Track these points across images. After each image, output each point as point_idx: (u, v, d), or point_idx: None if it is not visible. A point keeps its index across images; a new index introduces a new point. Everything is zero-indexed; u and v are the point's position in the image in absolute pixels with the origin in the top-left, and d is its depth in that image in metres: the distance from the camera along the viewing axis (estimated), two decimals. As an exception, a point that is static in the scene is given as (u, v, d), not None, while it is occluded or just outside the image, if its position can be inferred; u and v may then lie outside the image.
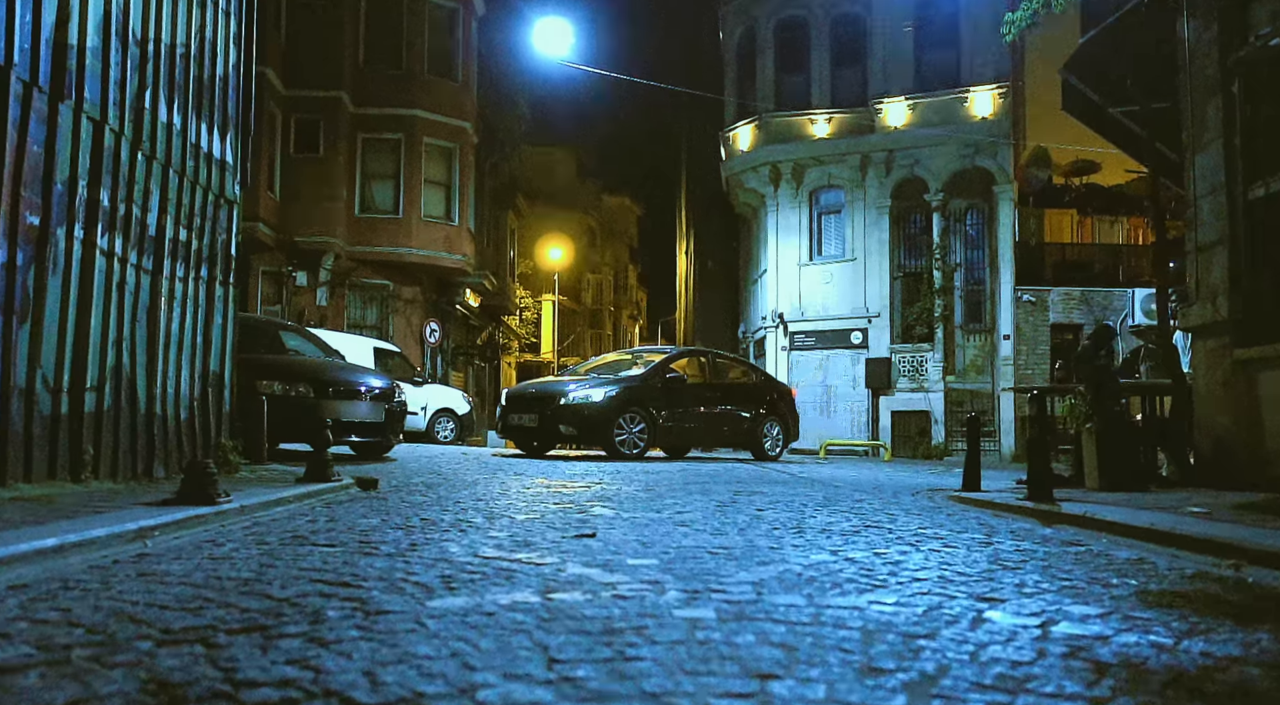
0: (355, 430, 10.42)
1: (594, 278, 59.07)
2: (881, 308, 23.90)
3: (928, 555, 3.46)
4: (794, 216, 25.12)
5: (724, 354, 15.82)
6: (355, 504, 5.68)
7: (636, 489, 7.07)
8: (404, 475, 8.30)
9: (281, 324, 12.77)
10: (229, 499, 5.04)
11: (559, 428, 12.59)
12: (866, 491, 7.64)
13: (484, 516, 4.79)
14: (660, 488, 7.29)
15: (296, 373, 10.23)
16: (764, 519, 4.76)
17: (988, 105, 22.99)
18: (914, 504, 6.27)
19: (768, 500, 6.16)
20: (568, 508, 5.31)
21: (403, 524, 4.43)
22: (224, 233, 7.82)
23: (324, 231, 22.49)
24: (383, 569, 2.99)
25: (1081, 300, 22.66)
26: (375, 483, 6.98)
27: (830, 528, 4.38)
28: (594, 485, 7.38)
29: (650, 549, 3.47)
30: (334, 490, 6.57)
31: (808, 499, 6.39)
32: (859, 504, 6.09)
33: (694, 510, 5.26)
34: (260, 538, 3.90)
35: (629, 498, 6.16)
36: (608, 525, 4.32)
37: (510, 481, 7.69)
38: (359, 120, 23.36)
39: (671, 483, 7.97)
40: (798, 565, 3.10)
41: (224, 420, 7.81)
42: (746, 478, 9.20)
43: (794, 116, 24.82)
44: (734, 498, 6.32)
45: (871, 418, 23.84)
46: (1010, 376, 22.46)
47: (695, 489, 7.22)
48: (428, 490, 6.72)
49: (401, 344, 22.97)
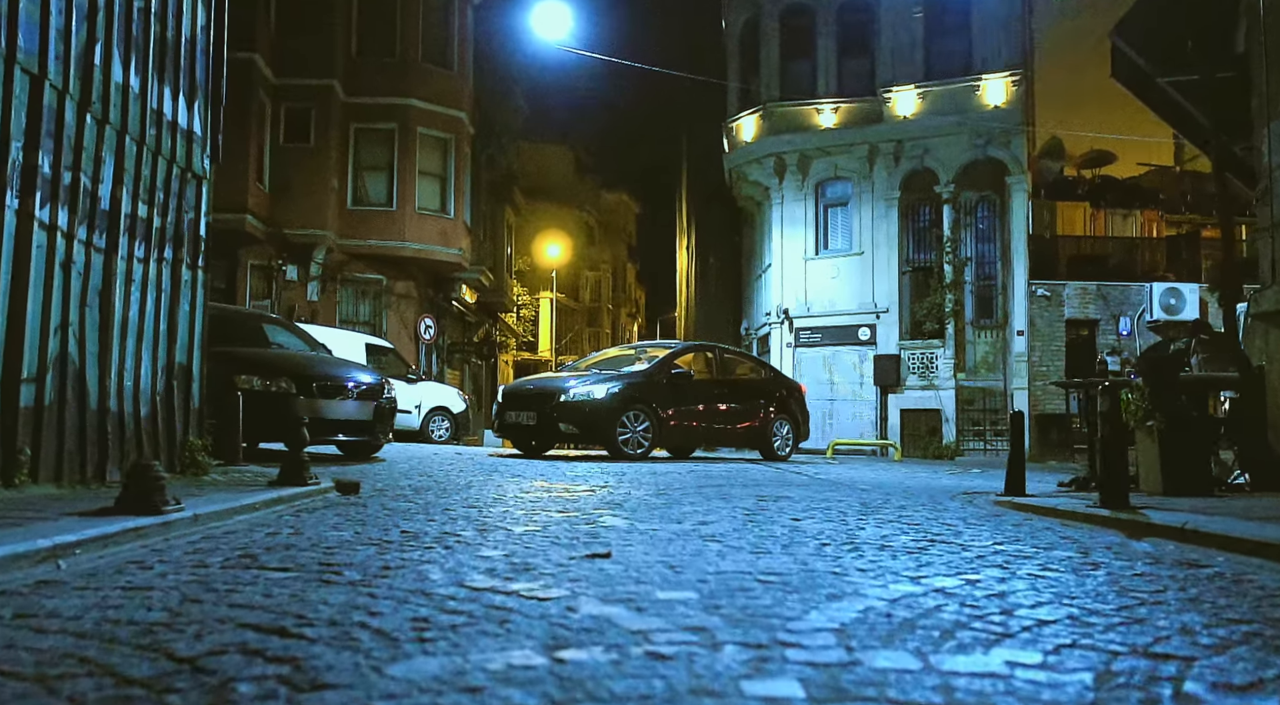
0: (341, 429, 9.72)
1: (592, 275, 58.45)
2: (890, 303, 23.19)
3: (1032, 583, 2.75)
4: (799, 209, 24.40)
5: (731, 349, 15.12)
6: (330, 512, 4.97)
7: (647, 493, 6.37)
8: (391, 477, 7.60)
9: (265, 316, 12.06)
10: (179, 507, 4.32)
11: (559, 426, 11.87)
12: (900, 495, 6.94)
13: (475, 528, 4.08)
14: (673, 492, 6.59)
15: (277, 367, 9.52)
16: (805, 531, 4.05)
17: (1000, 93, 22.29)
18: (966, 511, 5.56)
19: (799, 507, 5.45)
20: (573, 517, 4.61)
21: (378, 538, 3.72)
22: (191, 210, 7.10)
23: (315, 224, 21.75)
24: (339, 606, 2.28)
25: (1097, 295, 21.96)
26: (356, 486, 6.27)
27: (889, 543, 3.68)
28: (599, 489, 6.68)
29: (682, 575, 2.76)
30: (309, 495, 5.86)
31: (843, 505, 5.69)
32: (904, 511, 5.39)
33: (719, 520, 4.55)
34: (202, 558, 3.19)
35: (641, 504, 5.45)
36: (623, 540, 3.61)
37: (507, 484, 6.98)
38: (351, 110, 22.62)
39: (684, 486, 7.26)
40: (879, 600, 2.39)
41: (192, 417, 7.09)
42: (763, 480, 8.50)
43: (799, 106, 24.10)
44: (759, 504, 5.62)
45: (880, 416, 23.14)
46: (1024, 373, 21.76)
47: (712, 493, 6.51)
48: (414, 495, 6.01)
49: (395, 341, 22.25)
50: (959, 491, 7.87)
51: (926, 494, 7.30)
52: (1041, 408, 21.63)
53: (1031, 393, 21.64)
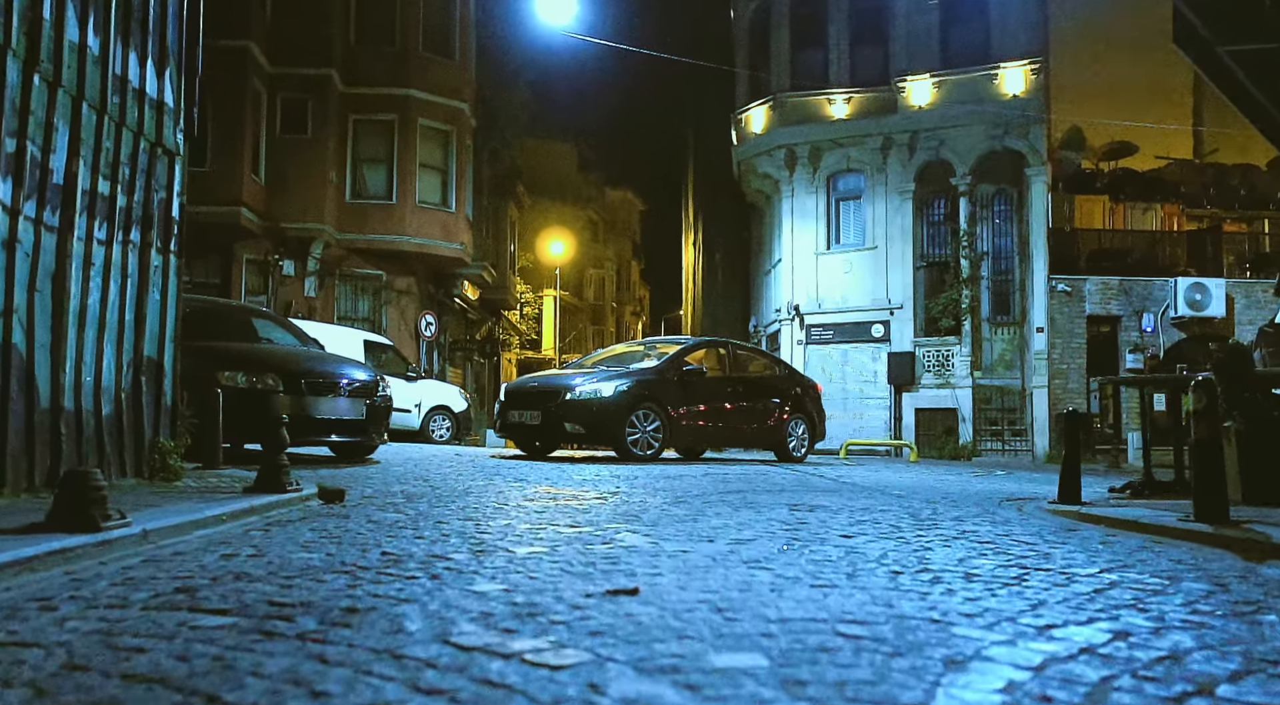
0: (332, 429, 9.08)
1: (596, 273, 57.87)
2: (904, 299, 22.51)
3: (1199, 636, 2.10)
4: (810, 202, 23.72)
5: (744, 345, 14.47)
6: (305, 525, 4.33)
7: (664, 501, 5.72)
8: (383, 482, 6.96)
9: (252, 309, 11.41)
10: (124, 522, 3.69)
11: (564, 426, 11.21)
12: (943, 502, 6.28)
13: (470, 548, 3.43)
14: (692, 499, 5.94)
15: (264, 362, 8.90)
16: (864, 553, 3.40)
17: (1019, 82, 21.59)
18: (1031, 523, 4.90)
19: (841, 519, 4.79)
20: (585, 533, 3.96)
21: (353, 562, 3.08)
22: (163, 190, 6.46)
23: (312, 218, 21.10)
24: (273, 680, 1.64)
25: (1120, 290, 21.26)
26: (341, 494, 5.63)
27: (974, 571, 3.02)
28: (611, 496, 6.03)
29: (737, 624, 2.11)
30: (286, 504, 5.22)
31: (889, 516, 5.03)
32: (961, 523, 4.73)
33: (757, 537, 3.90)
34: (127, 593, 2.55)
35: (661, 515, 4.80)
36: (649, 567, 2.97)
37: (509, 491, 6.34)
38: (350, 100, 21.98)
39: (702, 492, 6.62)
40: (1019, 670, 1.74)
41: (163, 416, 6.46)
42: (786, 485, 7.84)
43: (811, 96, 23.41)
44: (795, 515, 4.97)
45: (894, 416, 22.47)
46: (1044, 371, 21.08)
47: (736, 501, 5.86)
48: (405, 504, 5.37)
49: (395, 338, 21.63)
50: (1002, 497, 7.21)
51: (970, 500, 6.65)
52: (1063, 407, 20.93)
53: (1051, 391, 20.96)
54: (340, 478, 7.24)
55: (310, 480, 6.94)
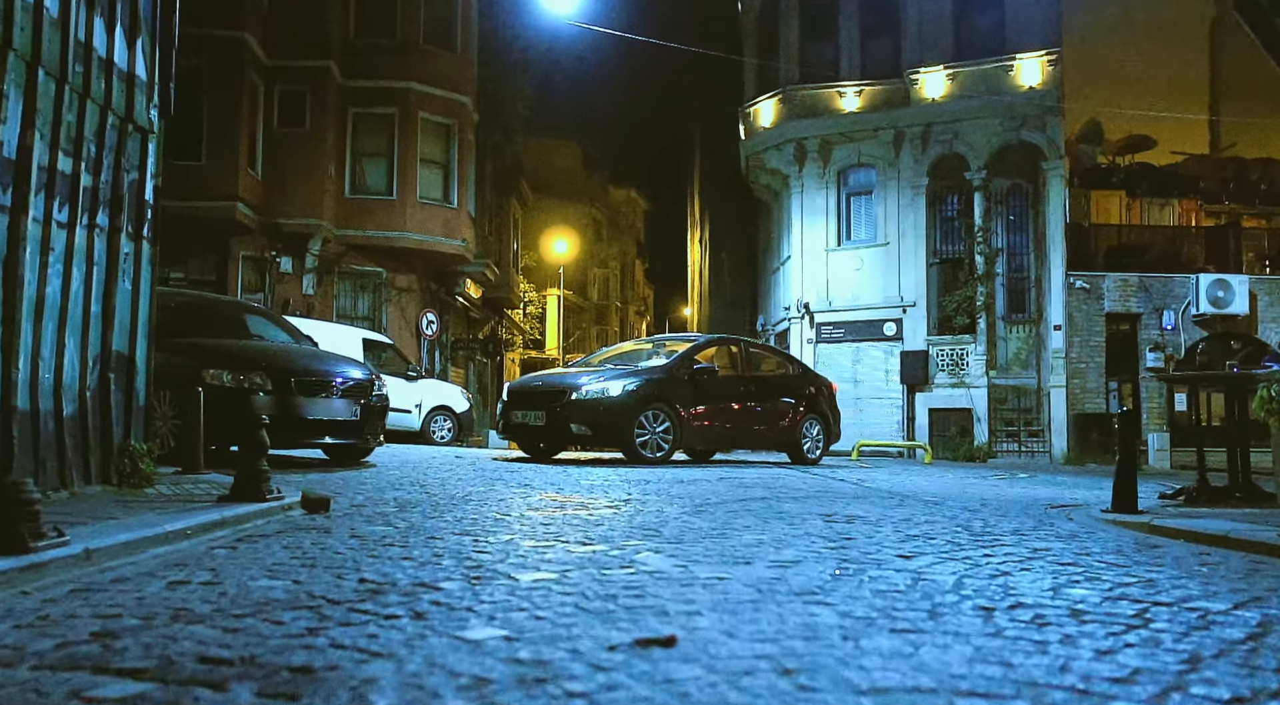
0: (324, 430, 8.55)
1: (600, 272, 57.34)
2: (917, 296, 21.95)
3: None
4: (820, 198, 23.16)
5: (757, 343, 13.95)
6: (278, 542, 3.79)
7: (684, 510, 5.18)
8: (375, 488, 6.42)
9: (243, 304, 10.87)
10: (61, 541, 3.15)
11: (569, 427, 10.64)
12: (988, 511, 5.73)
13: (465, 574, 2.89)
14: (713, 508, 5.40)
15: (251, 360, 8.36)
16: (934, 581, 2.85)
17: (1035, 73, 21.01)
18: (1103, 538, 4.35)
19: (886, 533, 4.25)
20: (599, 552, 3.42)
21: (322, 595, 2.54)
22: (134, 170, 5.93)
23: (311, 213, 20.59)
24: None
25: (1139, 287, 20.67)
26: (326, 503, 5.09)
27: (1079, 607, 2.47)
28: (623, 504, 5.50)
29: (816, 696, 1.57)
30: (263, 515, 4.69)
31: (939, 529, 4.48)
32: (1023, 538, 4.18)
33: (802, 559, 3.35)
34: (30, 638, 2.01)
35: (683, 528, 4.26)
36: (683, 602, 2.43)
37: (512, 498, 5.80)
38: (349, 93, 21.46)
39: (722, 499, 6.08)
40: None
41: (135, 417, 5.93)
42: (809, 490, 7.30)
43: (821, 89, 22.85)
44: (833, 528, 4.42)
45: (906, 416, 21.90)
46: (1062, 370, 20.49)
47: (762, 510, 5.32)
48: (398, 514, 4.83)
49: (396, 336, 21.11)
50: (1044, 504, 6.67)
51: (1013, 509, 6.10)
52: (1080, 407, 20.38)
53: (1069, 391, 20.38)
54: (330, 483, 6.71)
55: (298, 486, 6.41)
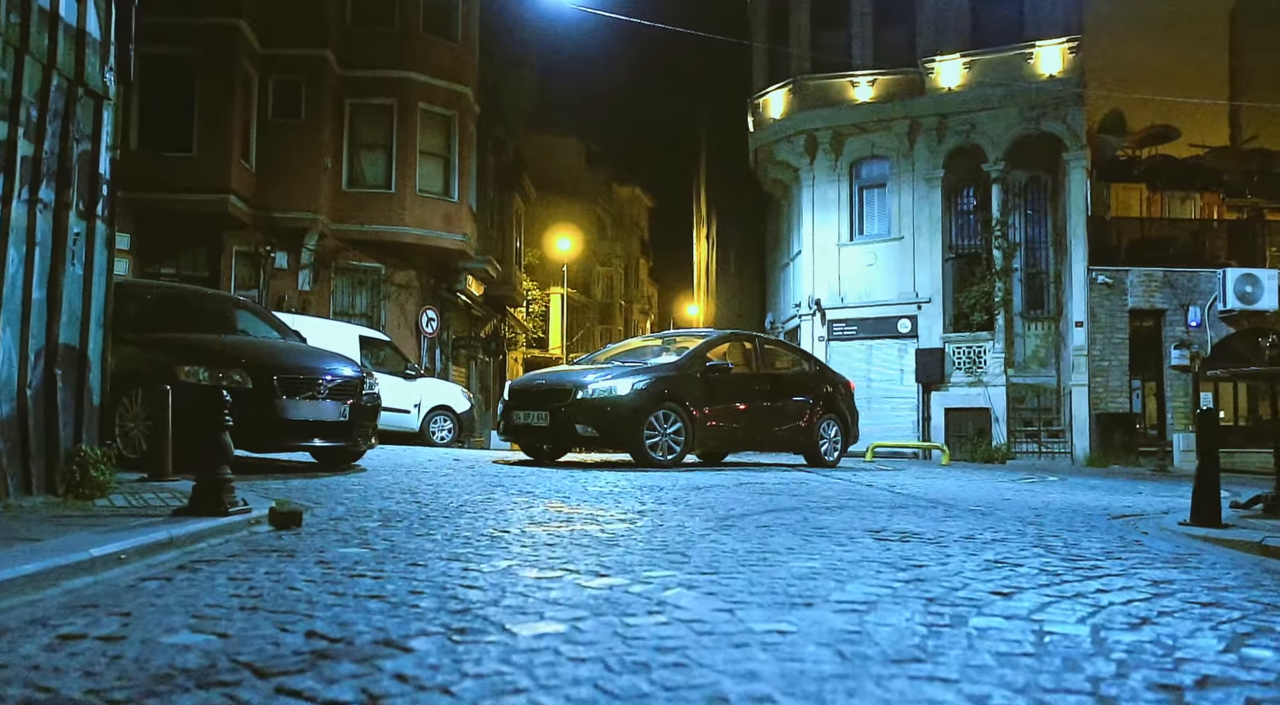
0: (310, 432, 7.89)
1: (604, 270, 56.70)
2: (933, 292, 21.25)
3: None
4: (832, 191, 22.47)
5: (772, 338, 13.28)
6: (227, 570, 3.12)
7: (708, 524, 4.51)
8: (361, 497, 5.76)
9: (226, 297, 10.19)
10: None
11: (575, 428, 9.95)
12: (1045, 523, 5.06)
13: (446, 626, 2.23)
14: (741, 521, 4.73)
15: (231, 356, 7.70)
16: (1063, 633, 2.18)
17: (1056, 61, 20.30)
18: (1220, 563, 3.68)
19: (961, 559, 3.57)
20: (618, 587, 2.75)
21: (250, 660, 1.87)
22: (86, 140, 5.27)
23: (306, 207, 19.93)
24: None
25: (1164, 282, 19.96)
26: (298, 517, 4.42)
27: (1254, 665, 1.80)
28: (639, 517, 4.83)
29: None
30: (222, 533, 4.02)
31: (1015, 550, 3.81)
32: (1129, 567, 3.51)
33: (872, 598, 2.68)
34: None
35: (715, 551, 3.59)
36: (742, 675, 1.76)
37: (512, 509, 5.13)
38: (346, 83, 20.81)
39: (748, 510, 5.41)
40: None
41: (89, 419, 5.27)
42: (840, 499, 6.63)
43: (833, 78, 22.16)
44: (886, 548, 3.75)
45: (922, 416, 21.21)
46: (1084, 368, 19.79)
47: (797, 524, 4.65)
48: (379, 531, 4.17)
49: (395, 334, 20.46)
50: (1101, 513, 6.00)
51: (1075, 520, 5.43)
52: (1103, 406, 19.68)
53: (1091, 390, 19.68)
54: (312, 491, 6.06)
55: (276, 494, 5.76)
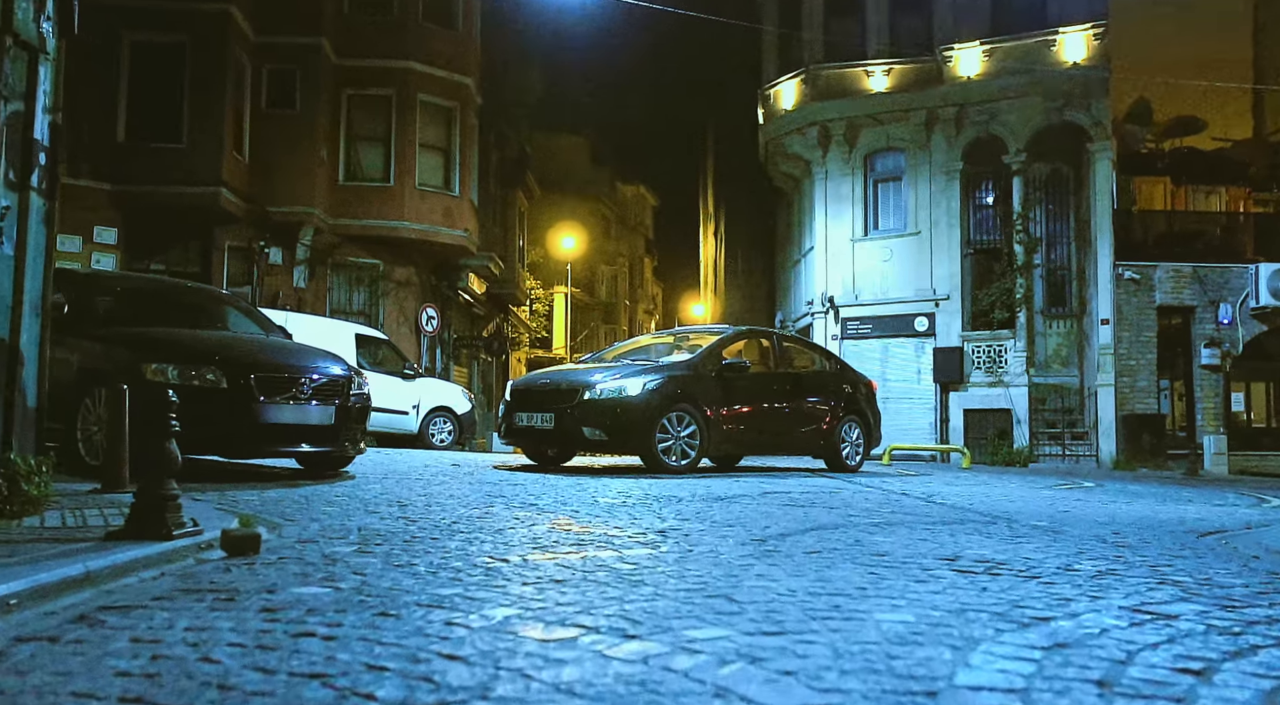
0: (292, 436, 7.15)
1: (608, 269, 55.99)
2: (951, 289, 20.50)
3: None
4: (846, 185, 21.73)
5: (790, 336, 12.54)
6: (136, 626, 2.38)
7: (746, 551, 3.77)
8: (342, 511, 5.02)
9: (207, 290, 9.43)
10: None
11: (582, 431, 9.18)
12: (1142, 548, 4.32)
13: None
14: (783, 545, 3.99)
15: (204, 352, 6.97)
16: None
17: (1080, 48, 19.54)
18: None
19: (1073, 598, 2.83)
20: (654, 661, 2.01)
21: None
22: (18, 99, 4.54)
23: (302, 201, 19.19)
24: None
25: (1193, 278, 19.19)
26: (255, 542, 3.68)
27: None
28: (661, 539, 4.09)
29: None
30: (157, 563, 3.28)
31: (1144, 587, 3.06)
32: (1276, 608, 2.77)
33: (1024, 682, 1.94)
34: None
35: (769, 595, 2.85)
36: None
37: (513, 528, 4.39)
38: (343, 73, 20.10)
39: (787, 530, 4.67)
40: None
41: (21, 423, 4.55)
42: (882, 512, 5.89)
43: (847, 68, 21.42)
44: (983, 588, 3.01)
45: (940, 417, 20.46)
46: (1110, 368, 19.03)
47: (854, 550, 3.91)
48: (352, 559, 3.43)
49: (394, 333, 19.76)
50: (1193, 530, 5.26)
51: (1167, 539, 4.68)
52: (1130, 407, 18.92)
53: (1118, 390, 18.92)
54: (288, 504, 5.33)
55: (247, 508, 5.04)
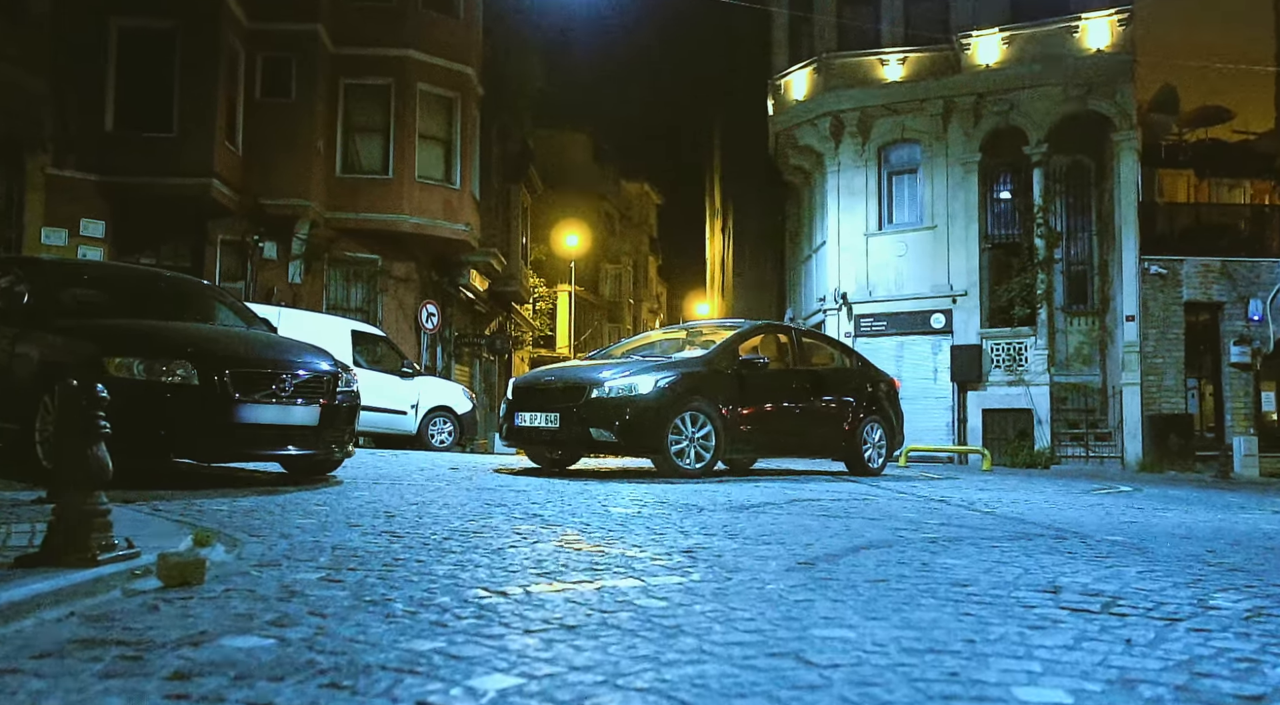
0: (270, 439, 6.48)
1: (612, 268, 55.41)
2: (969, 285, 19.82)
3: None
4: (859, 178, 21.06)
5: (810, 331, 11.90)
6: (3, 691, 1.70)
7: (794, 578, 3.10)
8: (317, 527, 4.34)
9: (182, 279, 8.73)
10: None
11: (589, 432, 8.50)
12: (1240, 566, 3.65)
13: None
14: (844, 574, 3.32)
15: (174, 345, 6.29)
16: None
17: (1104, 35, 18.86)
18: None
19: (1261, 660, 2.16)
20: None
21: None
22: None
23: (297, 193, 18.57)
24: None
25: (1221, 273, 18.49)
26: (198, 569, 2.98)
27: None
28: (693, 566, 3.41)
29: None
30: (69, 598, 2.59)
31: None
32: None
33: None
34: None
35: (858, 655, 2.18)
36: None
37: (513, 549, 3.71)
38: (340, 62, 19.47)
39: (833, 550, 4.00)
40: None
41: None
42: (934, 526, 5.21)
43: (861, 56, 20.75)
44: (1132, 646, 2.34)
45: (957, 417, 19.78)
46: (1136, 366, 18.32)
47: (930, 580, 3.24)
48: (314, 591, 2.75)
49: (394, 330, 19.13)
50: None
51: (1274, 557, 4.01)
52: (1156, 407, 18.22)
53: (1145, 390, 18.22)
54: (260, 515, 4.65)
55: (213, 519, 4.38)
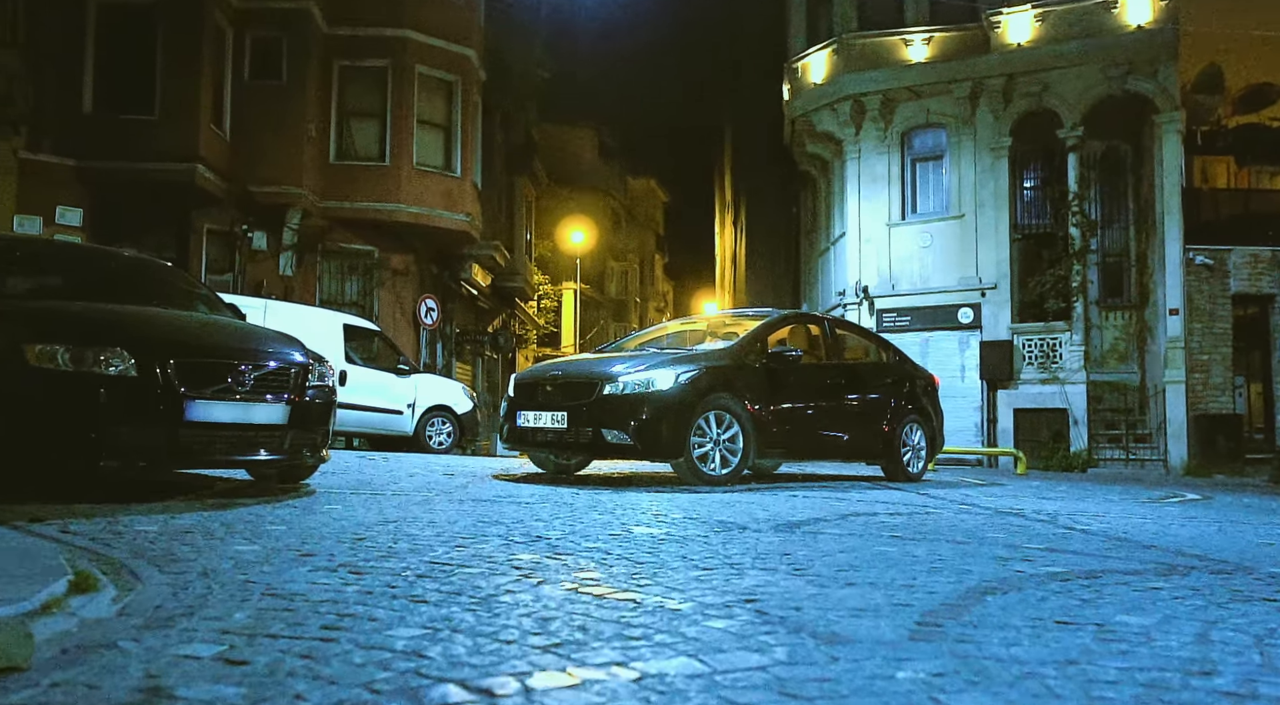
0: (225, 441, 5.44)
1: (618, 266, 54.45)
2: (999, 278, 18.75)
3: None
4: (881, 165, 20.01)
5: (843, 321, 10.85)
6: None
7: (937, 665, 2.04)
8: (260, 556, 3.27)
9: (135, 259, 7.60)
10: None
11: (601, 434, 7.42)
12: None
13: None
14: (995, 646, 2.25)
15: (109, 330, 5.23)
16: None
17: (1145, 10, 17.77)
18: None
19: None
20: None
21: None
22: None
23: (288, 180, 17.58)
24: None
25: (1272, 263, 17.40)
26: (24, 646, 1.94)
27: None
28: (768, 631, 2.34)
29: None
30: None
31: None
32: None
33: None
34: None
35: None
36: None
37: (509, 597, 2.64)
38: (334, 43, 18.49)
39: (943, 593, 2.93)
40: None
41: None
42: (1032, 549, 4.14)
43: (883, 36, 19.70)
44: None
45: (986, 417, 18.70)
46: (1180, 363, 17.23)
47: (1107, 648, 2.17)
48: (197, 684, 1.69)
49: (391, 325, 18.13)
50: None
51: None
52: (1202, 406, 17.13)
53: (1190, 388, 17.12)
54: (195, 539, 3.58)
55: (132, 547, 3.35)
